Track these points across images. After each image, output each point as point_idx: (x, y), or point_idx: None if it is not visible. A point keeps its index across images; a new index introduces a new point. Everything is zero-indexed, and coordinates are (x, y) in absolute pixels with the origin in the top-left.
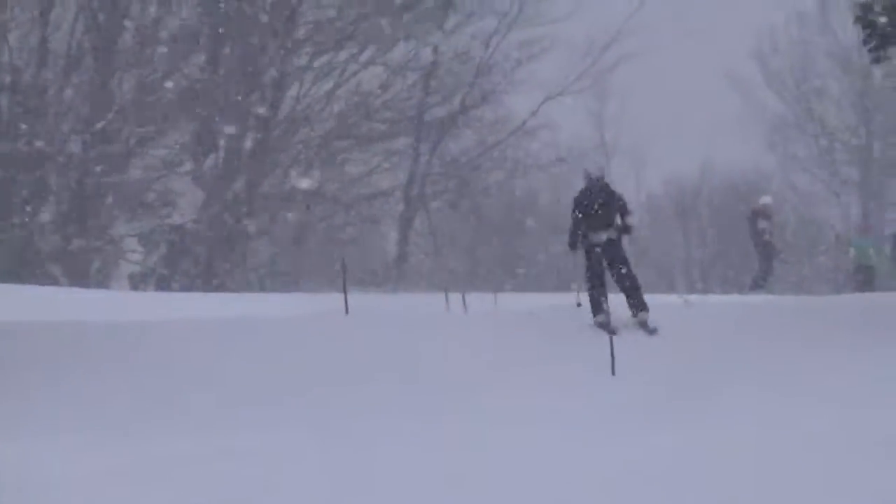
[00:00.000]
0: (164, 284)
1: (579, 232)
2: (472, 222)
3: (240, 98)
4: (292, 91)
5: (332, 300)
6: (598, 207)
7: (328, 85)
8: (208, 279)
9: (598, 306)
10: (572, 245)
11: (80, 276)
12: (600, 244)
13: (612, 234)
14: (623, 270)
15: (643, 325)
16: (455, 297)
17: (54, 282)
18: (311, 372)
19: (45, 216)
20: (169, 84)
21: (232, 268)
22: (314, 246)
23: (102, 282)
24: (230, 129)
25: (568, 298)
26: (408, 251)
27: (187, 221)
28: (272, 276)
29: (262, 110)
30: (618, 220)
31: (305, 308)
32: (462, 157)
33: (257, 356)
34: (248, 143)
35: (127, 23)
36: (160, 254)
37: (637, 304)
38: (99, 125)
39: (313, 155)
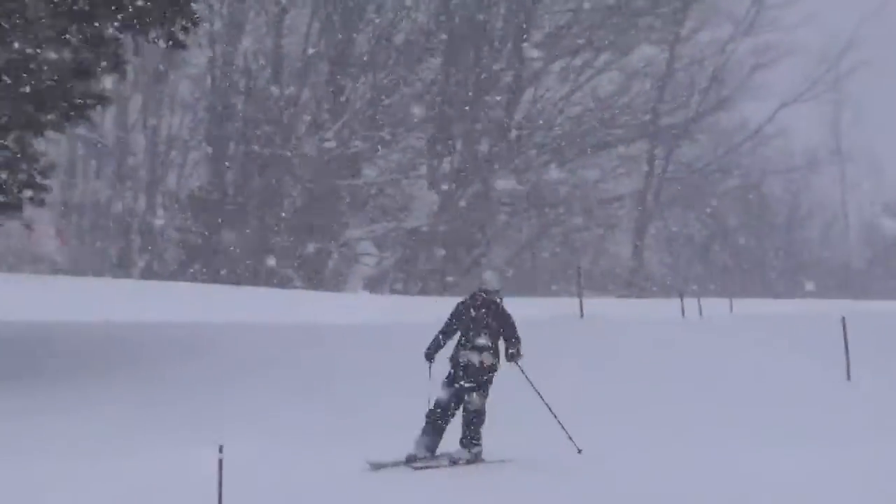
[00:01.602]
0: (398, 287)
1: (443, 342)
2: (707, 227)
3: (475, 102)
4: (527, 95)
5: (567, 304)
6: (477, 325)
7: (564, 89)
8: (443, 282)
9: (426, 433)
10: (429, 355)
11: (314, 278)
12: (465, 366)
13: (486, 358)
14: (473, 405)
15: (459, 460)
16: (690, 302)
17: (290, 284)
18: (546, 375)
19: (281, 219)
20: (404, 88)
21: (467, 271)
22: (549, 249)
23: (337, 284)
24: (465, 133)
25: (803, 305)
26: (643, 256)
27: (422, 225)
28: (507, 280)
29: (497, 114)
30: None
31: (541, 312)
32: (697, 162)
33: None
34: (483, 147)
35: (362, 27)
36: (395, 257)
37: (468, 439)
38: (334, 128)
39: (549, 159)
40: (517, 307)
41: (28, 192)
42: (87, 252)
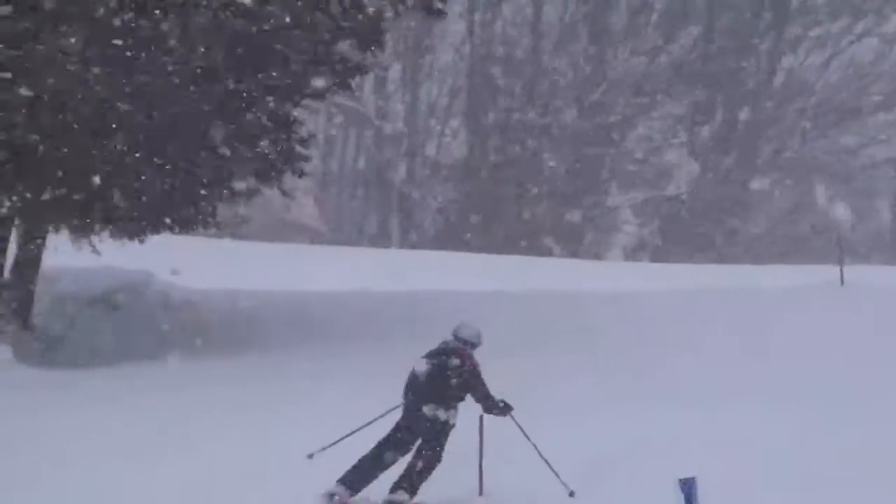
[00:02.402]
0: (658, 255)
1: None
2: None
3: (735, 69)
4: (787, 62)
5: (827, 272)
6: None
7: (822, 56)
8: (703, 250)
9: (357, 474)
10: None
11: (574, 246)
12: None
13: (451, 416)
14: (427, 451)
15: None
16: None
17: (548, 252)
18: (806, 342)
19: (540, 188)
20: (663, 55)
21: (727, 239)
22: (810, 217)
23: (597, 253)
24: (725, 101)
25: None
26: None
27: (682, 192)
28: (767, 247)
29: (756, 82)
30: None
31: (800, 280)
32: None
33: (745, 325)
34: (742, 115)
35: None
36: (655, 225)
37: (413, 487)
38: (593, 96)
39: (808, 126)
40: (776, 276)
41: (288, 162)
42: (346, 222)
